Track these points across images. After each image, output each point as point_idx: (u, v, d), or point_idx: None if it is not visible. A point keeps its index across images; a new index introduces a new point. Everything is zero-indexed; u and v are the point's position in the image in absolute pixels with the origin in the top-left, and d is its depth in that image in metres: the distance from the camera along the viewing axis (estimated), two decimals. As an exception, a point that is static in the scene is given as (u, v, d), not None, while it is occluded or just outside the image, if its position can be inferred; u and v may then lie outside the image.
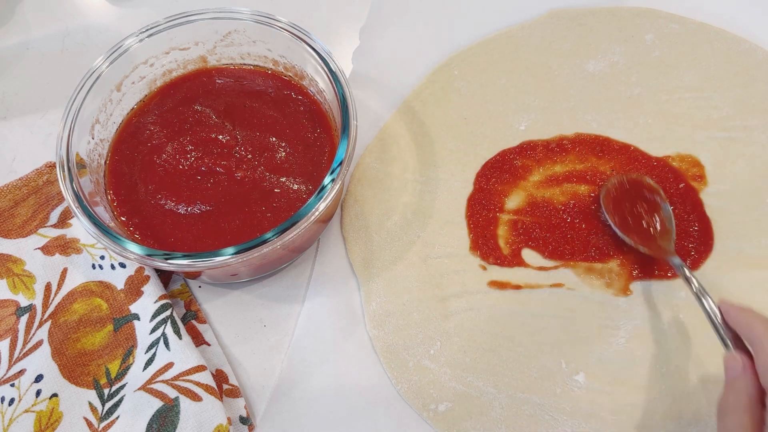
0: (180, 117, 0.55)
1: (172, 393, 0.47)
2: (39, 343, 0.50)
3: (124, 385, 0.49)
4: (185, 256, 0.44)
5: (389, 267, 0.54)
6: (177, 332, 0.50)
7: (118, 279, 0.52)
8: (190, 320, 0.53)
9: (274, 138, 0.53)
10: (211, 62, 0.58)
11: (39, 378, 0.48)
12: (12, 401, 0.48)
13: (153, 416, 0.47)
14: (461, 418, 0.48)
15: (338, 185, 0.46)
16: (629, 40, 0.62)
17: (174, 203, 0.51)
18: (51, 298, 0.51)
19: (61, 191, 0.48)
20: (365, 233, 0.55)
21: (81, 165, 0.50)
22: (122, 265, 0.53)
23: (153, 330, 0.50)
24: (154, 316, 0.51)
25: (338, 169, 0.46)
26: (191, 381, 0.48)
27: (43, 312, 0.51)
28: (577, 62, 0.61)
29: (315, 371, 0.51)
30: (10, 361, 0.49)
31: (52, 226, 0.55)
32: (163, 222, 0.51)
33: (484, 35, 0.64)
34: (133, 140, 0.54)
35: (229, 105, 0.55)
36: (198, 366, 0.48)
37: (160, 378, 0.48)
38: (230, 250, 0.43)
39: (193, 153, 0.53)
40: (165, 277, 0.54)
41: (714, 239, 0.52)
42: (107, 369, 0.49)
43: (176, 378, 0.48)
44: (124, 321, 0.51)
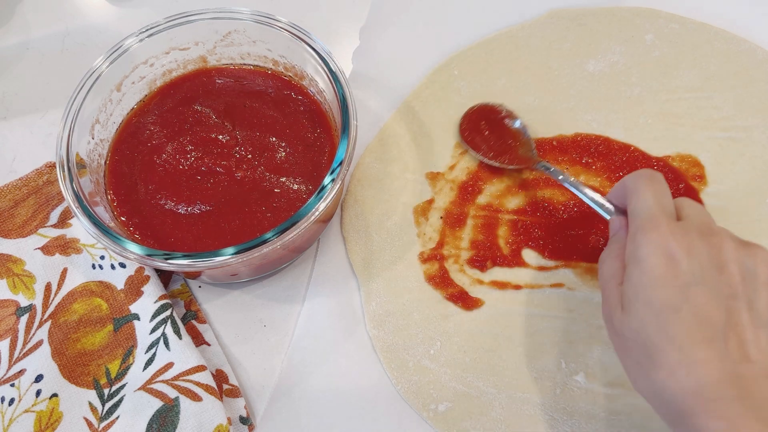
0: (180, 117, 0.55)
1: (172, 393, 0.47)
2: (39, 343, 0.50)
3: (124, 385, 0.49)
4: (185, 256, 0.44)
5: (389, 267, 0.54)
6: (177, 332, 0.50)
7: (118, 279, 0.52)
8: (190, 320, 0.53)
9: (274, 138, 0.53)
10: (211, 62, 0.58)
11: (39, 378, 0.48)
12: (12, 401, 0.48)
13: (153, 416, 0.47)
14: (461, 418, 0.48)
15: (338, 185, 0.46)
16: (629, 40, 0.62)
17: (174, 203, 0.51)
18: (51, 298, 0.51)
19: (61, 191, 0.48)
20: (365, 233, 0.56)
21: (81, 165, 0.50)
22: (122, 265, 0.53)
23: (153, 330, 0.50)
24: (154, 316, 0.51)
25: (338, 169, 0.46)
26: (191, 381, 0.48)
27: (43, 312, 0.51)
28: (577, 62, 0.61)
29: (315, 371, 0.51)
30: (10, 361, 0.49)
31: (52, 226, 0.55)
32: (163, 222, 0.51)
33: (484, 35, 0.64)
34: (133, 140, 0.54)
35: (229, 105, 0.55)
36: (198, 366, 0.48)
37: (160, 378, 0.48)
38: (230, 250, 0.43)
39: (193, 153, 0.53)
40: (165, 277, 0.54)
41: (714, 239, 0.52)
42: (107, 369, 0.49)
43: (176, 378, 0.48)
44: (124, 321, 0.51)
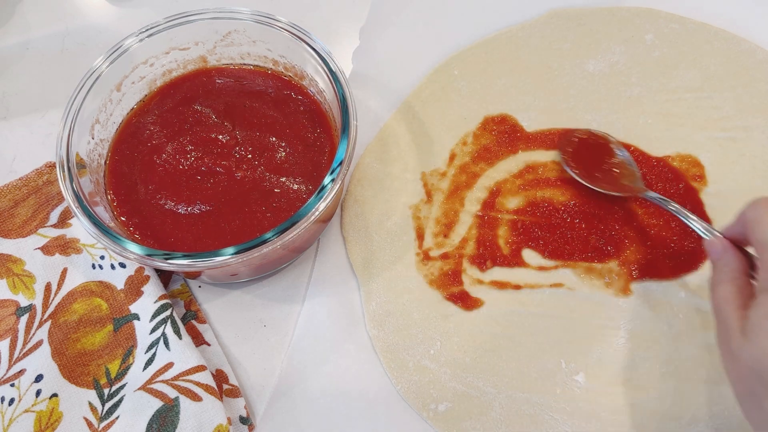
0: (180, 117, 0.55)
1: (172, 393, 0.47)
2: (39, 343, 0.50)
3: (124, 385, 0.49)
4: (185, 256, 0.44)
5: (389, 267, 0.54)
6: (177, 332, 0.50)
7: (118, 279, 0.52)
8: (190, 320, 0.53)
9: (274, 138, 0.53)
10: (211, 62, 0.58)
11: (39, 378, 0.48)
12: (12, 401, 0.48)
13: (153, 416, 0.47)
14: (461, 418, 0.48)
15: (338, 185, 0.46)
16: (629, 40, 0.62)
17: (174, 203, 0.51)
18: (51, 298, 0.51)
19: (61, 191, 0.48)
20: (365, 233, 0.55)
21: (81, 165, 0.50)
22: (122, 265, 0.53)
23: (153, 330, 0.50)
24: (154, 316, 0.51)
25: (338, 169, 0.46)
26: (191, 381, 0.48)
27: (43, 312, 0.51)
28: (577, 62, 0.61)
29: (315, 371, 0.51)
30: (10, 361, 0.49)
31: (52, 226, 0.55)
32: (163, 222, 0.51)
33: (484, 35, 0.64)
34: (133, 140, 0.54)
35: (229, 105, 0.55)
36: (198, 366, 0.48)
37: (160, 378, 0.48)
38: (230, 250, 0.43)
39: (193, 153, 0.53)
40: (165, 277, 0.54)
41: (714, 239, 0.52)
42: (107, 369, 0.49)
43: (176, 378, 0.48)
44: (124, 321, 0.51)
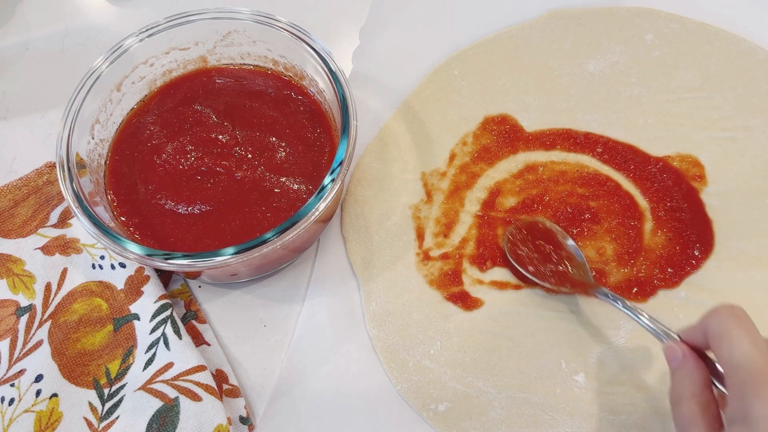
0: (180, 117, 0.55)
1: (172, 393, 0.47)
2: (39, 343, 0.50)
3: (124, 385, 0.49)
4: (185, 256, 0.44)
5: (389, 267, 0.54)
6: (177, 332, 0.50)
7: (118, 279, 0.52)
8: (190, 320, 0.53)
9: (274, 138, 0.53)
10: (211, 62, 0.58)
11: (39, 378, 0.48)
12: (12, 401, 0.48)
13: (153, 416, 0.47)
14: (461, 418, 0.48)
15: (338, 185, 0.46)
16: (629, 40, 0.62)
17: (174, 203, 0.51)
18: (51, 298, 0.51)
19: (61, 191, 0.48)
20: (365, 233, 0.55)
21: (81, 165, 0.50)
22: (122, 265, 0.53)
23: (153, 330, 0.50)
24: (154, 316, 0.51)
25: (338, 169, 0.46)
26: (191, 381, 0.48)
27: (43, 312, 0.51)
28: (577, 62, 0.61)
29: (315, 371, 0.51)
30: (10, 361, 0.49)
31: (52, 226, 0.55)
32: (163, 222, 0.51)
33: (484, 35, 0.64)
34: (133, 140, 0.54)
35: (229, 105, 0.55)
36: (198, 366, 0.48)
37: (160, 378, 0.48)
38: (230, 250, 0.43)
39: (193, 153, 0.53)
40: (165, 277, 0.54)
41: (714, 239, 0.52)
42: (107, 369, 0.49)
43: (176, 378, 0.48)
44: (124, 321, 0.51)
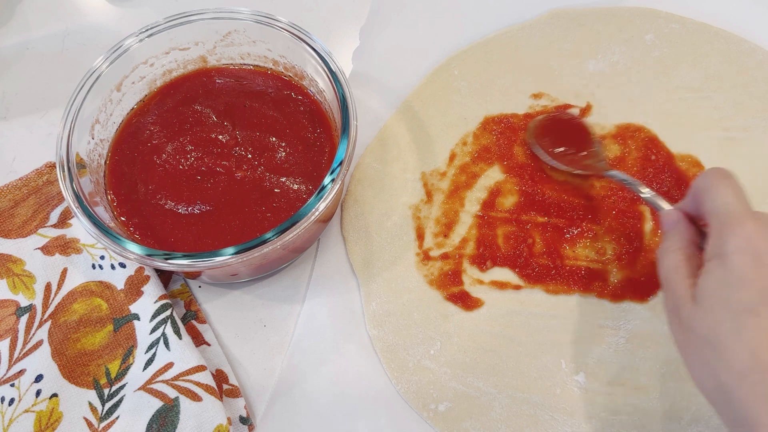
0: (180, 117, 0.55)
1: (172, 393, 0.47)
2: (39, 343, 0.50)
3: (124, 385, 0.49)
4: (185, 256, 0.44)
5: (389, 267, 0.54)
6: (177, 332, 0.50)
7: (118, 279, 0.52)
8: (190, 320, 0.53)
9: (274, 138, 0.53)
10: (211, 62, 0.58)
11: (39, 378, 0.48)
12: (12, 401, 0.48)
13: (153, 416, 0.47)
14: (461, 418, 0.48)
15: (338, 185, 0.46)
16: (629, 40, 0.62)
17: (174, 203, 0.51)
18: (51, 298, 0.51)
19: (61, 191, 0.48)
20: (365, 233, 0.55)
21: (81, 165, 0.50)
22: (122, 265, 0.53)
23: (153, 330, 0.50)
24: (154, 316, 0.51)
25: (338, 169, 0.46)
26: (191, 381, 0.48)
27: (43, 312, 0.51)
28: (577, 62, 0.61)
29: (315, 371, 0.51)
30: (10, 361, 0.49)
31: (52, 226, 0.55)
32: (163, 222, 0.51)
33: (484, 35, 0.64)
34: (133, 140, 0.54)
35: (229, 105, 0.55)
36: (198, 366, 0.48)
37: (160, 378, 0.48)
38: (230, 250, 0.43)
39: (193, 153, 0.53)
40: (165, 277, 0.54)
41: (714, 239, 0.52)
42: (107, 369, 0.49)
43: (176, 378, 0.48)
44: (124, 321, 0.51)
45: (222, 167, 0.52)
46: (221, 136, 0.53)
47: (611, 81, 0.60)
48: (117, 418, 0.47)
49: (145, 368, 0.49)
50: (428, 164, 0.58)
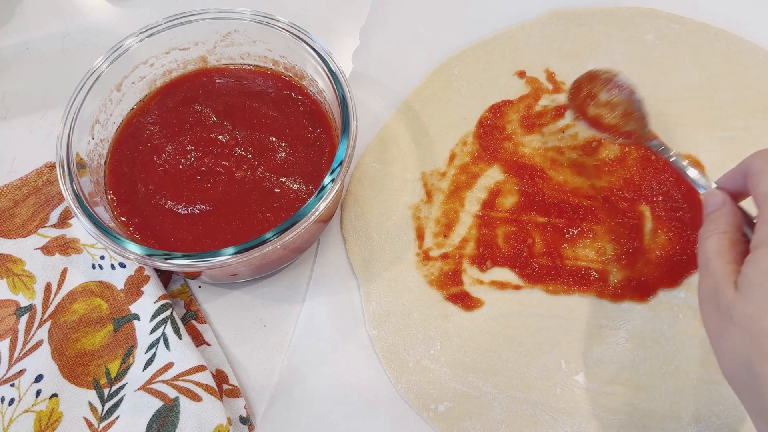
0: (180, 117, 0.55)
1: (172, 393, 0.47)
2: (39, 343, 0.50)
3: (124, 385, 0.49)
4: (185, 256, 0.44)
5: (389, 267, 0.54)
6: (177, 332, 0.50)
7: (118, 279, 0.52)
8: (190, 320, 0.53)
9: (274, 138, 0.53)
10: (211, 62, 0.58)
11: (39, 378, 0.48)
12: (12, 401, 0.48)
13: (153, 416, 0.47)
14: (461, 418, 0.48)
15: (338, 185, 0.46)
16: (629, 40, 0.62)
17: (174, 203, 0.51)
18: (51, 298, 0.51)
19: (61, 191, 0.48)
20: (365, 233, 0.56)
21: (81, 165, 0.50)
22: (122, 265, 0.53)
23: (153, 330, 0.50)
24: (154, 316, 0.51)
25: (338, 169, 0.46)
26: (191, 381, 0.48)
27: (43, 312, 0.51)
28: (577, 62, 0.61)
29: (315, 371, 0.51)
30: (10, 361, 0.49)
31: (52, 226, 0.55)
32: (163, 222, 0.51)
33: (484, 35, 0.64)
34: (133, 140, 0.54)
35: (229, 105, 0.55)
36: (198, 366, 0.48)
37: (160, 378, 0.48)
38: (230, 250, 0.43)
39: (193, 153, 0.53)
40: (165, 277, 0.54)
41: (714, 239, 0.52)
42: (107, 369, 0.49)
43: (176, 378, 0.48)
44: (124, 321, 0.51)
45: (222, 167, 0.52)
46: (221, 136, 0.53)
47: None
48: (117, 418, 0.47)
49: (145, 368, 0.49)
50: (428, 164, 0.58)
